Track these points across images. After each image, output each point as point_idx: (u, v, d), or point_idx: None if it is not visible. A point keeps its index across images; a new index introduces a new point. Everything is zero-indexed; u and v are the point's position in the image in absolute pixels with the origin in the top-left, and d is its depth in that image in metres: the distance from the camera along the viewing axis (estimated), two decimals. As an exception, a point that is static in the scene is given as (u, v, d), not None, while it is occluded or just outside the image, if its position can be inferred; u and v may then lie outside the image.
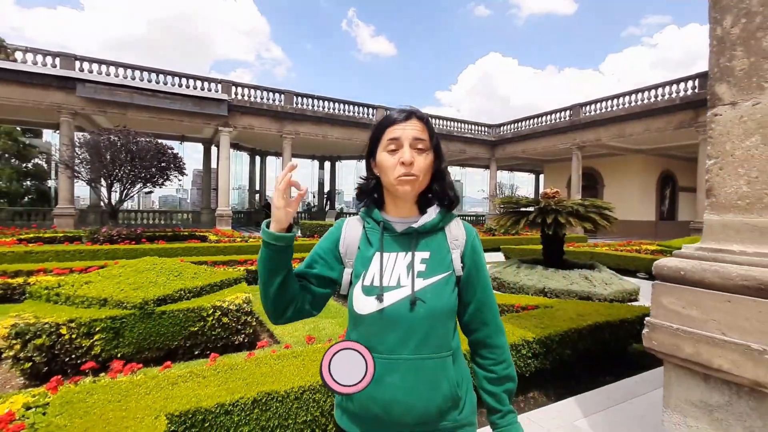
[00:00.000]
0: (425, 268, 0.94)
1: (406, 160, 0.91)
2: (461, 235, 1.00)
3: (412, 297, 0.90)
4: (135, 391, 1.95)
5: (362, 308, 0.93)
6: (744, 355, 1.06)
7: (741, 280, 1.08)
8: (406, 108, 0.97)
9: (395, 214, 1.00)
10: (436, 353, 0.91)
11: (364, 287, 0.94)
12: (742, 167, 1.15)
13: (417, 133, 0.94)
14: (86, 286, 3.50)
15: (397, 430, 0.92)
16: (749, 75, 1.14)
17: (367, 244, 0.99)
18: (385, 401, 0.89)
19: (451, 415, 0.93)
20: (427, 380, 0.90)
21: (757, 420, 1.09)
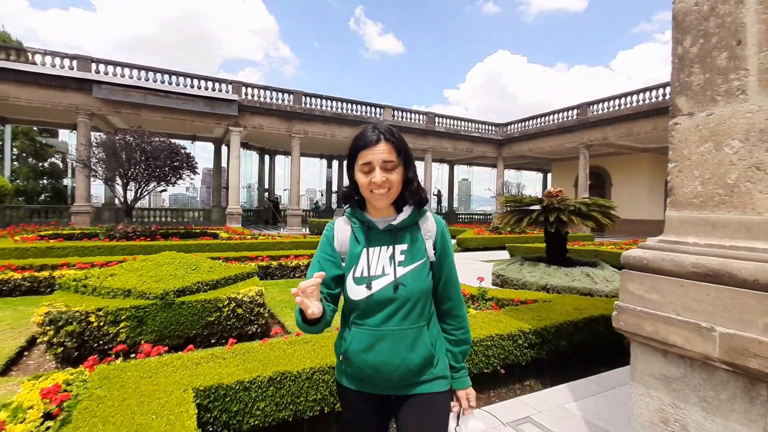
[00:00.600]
0: (404, 258, 1.14)
1: (377, 181, 1.09)
2: (432, 227, 1.20)
3: (395, 282, 1.12)
4: (163, 369, 2.17)
5: (355, 295, 1.14)
6: (694, 332, 1.22)
7: (692, 267, 1.24)
8: (376, 129, 1.11)
9: (375, 215, 1.19)
10: (415, 324, 1.13)
11: (355, 278, 1.14)
12: (697, 170, 1.32)
13: (385, 156, 1.09)
14: (111, 278, 3.75)
15: (385, 385, 1.15)
16: (704, 89, 1.30)
17: (355, 242, 1.18)
18: (376, 364, 1.11)
19: (429, 370, 1.15)
20: (408, 345, 1.12)
21: (710, 390, 1.26)
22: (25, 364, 3.33)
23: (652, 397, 1.38)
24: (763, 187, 1.17)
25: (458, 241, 13.22)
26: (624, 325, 1.43)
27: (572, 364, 3.54)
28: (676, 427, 1.31)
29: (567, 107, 19.88)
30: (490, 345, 2.95)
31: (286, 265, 6.99)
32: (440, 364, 1.18)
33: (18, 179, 21.72)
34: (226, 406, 2.07)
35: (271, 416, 2.17)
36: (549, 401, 2.60)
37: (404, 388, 1.16)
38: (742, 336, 1.12)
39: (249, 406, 2.12)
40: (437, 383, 1.17)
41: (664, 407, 1.35)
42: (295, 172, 18.10)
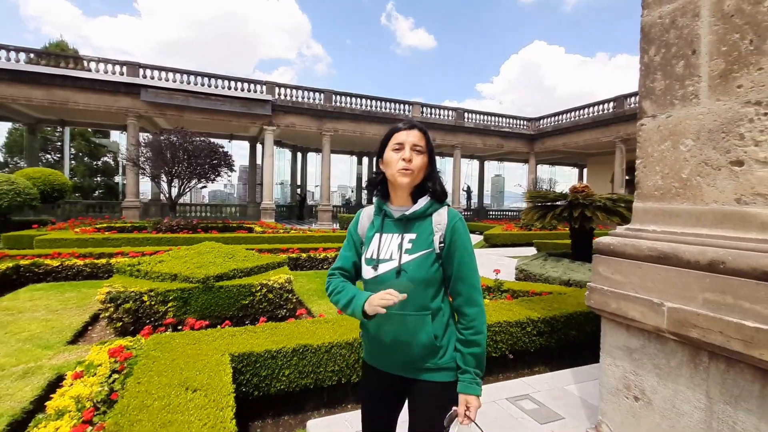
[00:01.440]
0: (411, 246, 1.20)
1: (406, 157, 1.19)
2: (443, 220, 1.22)
3: (398, 268, 1.18)
4: (205, 338, 2.55)
5: (366, 274, 1.25)
6: (648, 308, 1.39)
7: (648, 251, 1.41)
8: (410, 121, 1.25)
9: (395, 203, 1.27)
10: (416, 311, 1.18)
11: (366, 259, 1.26)
12: (659, 165, 1.47)
13: (416, 140, 1.21)
14: (160, 264, 4.23)
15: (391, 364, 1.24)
16: (665, 93, 1.45)
17: (371, 227, 1.30)
18: (382, 343, 1.22)
19: (432, 359, 1.19)
20: (408, 331, 1.18)
21: (662, 359, 1.43)
22: (89, 336, 3.86)
23: (618, 366, 1.56)
24: (710, 181, 1.32)
25: (485, 237, 13.22)
26: (594, 303, 1.61)
27: (584, 353, 3.64)
28: (636, 392, 1.49)
29: (602, 100, 19.21)
30: (499, 331, 3.14)
31: (315, 257, 7.39)
32: (447, 355, 1.20)
33: (75, 177, 23.64)
34: (256, 370, 2.41)
35: (294, 382, 2.49)
36: (550, 383, 2.78)
37: (409, 371, 1.22)
38: (685, 309, 1.28)
39: (276, 372, 2.45)
40: (442, 373, 1.20)
41: (626, 375, 1.52)
42: (326, 169, 18.64)
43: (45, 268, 5.75)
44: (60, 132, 23.42)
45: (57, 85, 13.97)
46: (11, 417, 2.27)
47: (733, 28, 1.30)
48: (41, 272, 5.74)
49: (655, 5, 1.51)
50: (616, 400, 1.56)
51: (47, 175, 12.37)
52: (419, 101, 20.32)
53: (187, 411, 1.67)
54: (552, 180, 23.54)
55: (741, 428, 1.22)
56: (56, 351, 3.23)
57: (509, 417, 2.26)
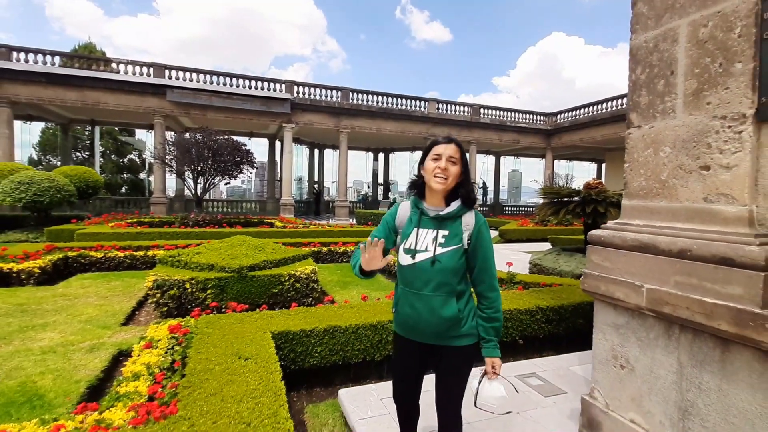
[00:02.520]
0: (444, 241, 1.47)
1: (441, 166, 1.45)
2: (471, 221, 1.49)
3: (432, 258, 1.46)
4: (247, 319, 2.91)
5: (404, 261, 1.52)
6: (631, 289, 1.65)
7: (631, 241, 1.66)
8: (448, 136, 1.56)
9: (430, 204, 1.53)
10: (444, 293, 1.46)
11: (404, 249, 1.52)
12: (642, 169, 1.72)
13: (452, 153, 1.47)
14: (198, 255, 4.64)
15: (422, 334, 1.51)
16: (648, 108, 1.70)
17: (409, 223, 1.55)
18: (415, 318, 1.50)
19: (456, 329, 1.48)
20: (438, 306, 1.46)
21: (643, 332, 1.68)
22: (137, 319, 4.29)
23: (607, 340, 1.83)
24: (683, 183, 1.57)
25: (500, 233, 13.38)
26: (588, 287, 1.88)
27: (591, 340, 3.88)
28: (622, 361, 1.75)
29: (622, 94, 18.97)
30: (509, 318, 3.41)
31: (335, 251, 7.75)
32: (467, 325, 1.49)
33: (104, 173, 24.69)
34: (292, 347, 2.75)
35: (326, 359, 2.83)
36: (556, 364, 3.04)
37: (437, 339, 1.48)
38: (660, 290, 1.54)
39: (309, 349, 2.79)
40: (463, 339, 1.49)
41: (614, 347, 1.79)
42: (343, 166, 19.03)
43: (90, 259, 6.27)
44: (89, 131, 24.48)
45: (88, 86, 14.70)
46: (88, 382, 2.67)
47: (706, 53, 1.54)
48: (87, 263, 6.26)
49: (641, 31, 1.75)
50: (606, 369, 1.83)
51: (82, 173, 13.09)
52: (435, 97, 20.49)
53: (243, 374, 2.01)
54: (569, 175, 23.32)
55: (705, 387, 1.48)
56: (114, 331, 3.66)
57: (518, 391, 2.54)
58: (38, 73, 14.23)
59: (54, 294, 4.80)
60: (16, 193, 9.88)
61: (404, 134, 19.99)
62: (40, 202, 10.13)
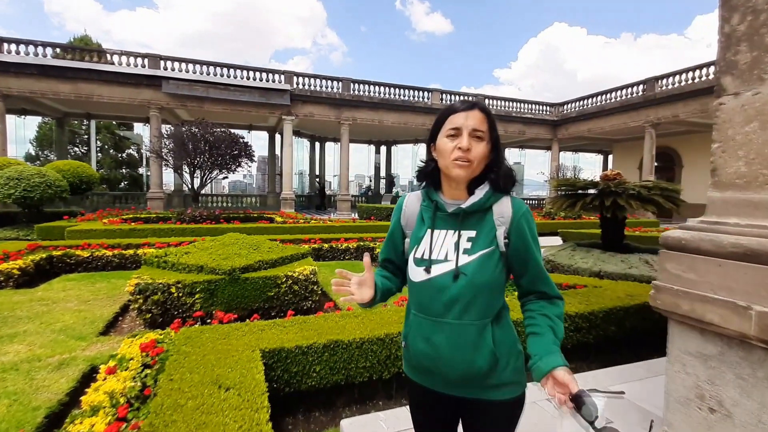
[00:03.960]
0: (471, 246, 1.03)
1: (463, 146, 1.00)
2: (507, 212, 1.04)
3: (455, 270, 1.02)
4: (234, 333, 2.50)
5: (414, 276, 1.09)
6: (731, 311, 1.24)
7: (731, 247, 1.25)
8: (469, 100, 1.06)
9: (449, 196, 1.10)
10: (478, 320, 1.02)
11: (415, 259, 1.09)
12: (742, 150, 1.30)
13: (477, 124, 1.01)
14: (186, 255, 4.23)
15: (444, 383, 1.07)
16: (751, 68, 1.27)
17: (420, 222, 1.13)
18: (433, 357, 1.04)
19: (495, 373, 1.02)
20: (467, 343, 1.01)
21: (747, 368, 1.27)
22: (120, 326, 3.90)
23: (689, 374, 1.41)
24: (811, 167, 1.15)
25: (508, 227, 12.95)
26: (661, 304, 1.46)
27: (623, 350, 3.48)
28: (712, 403, 1.34)
29: (631, 83, 18.37)
30: (531, 326, 3.00)
31: (337, 248, 7.34)
32: (510, 367, 1.05)
33: (102, 169, 24.32)
34: (287, 367, 2.35)
35: (326, 379, 2.43)
36: (593, 382, 2.63)
37: (466, 388, 1.06)
38: (779, 314, 1.13)
39: (307, 369, 2.38)
40: (507, 390, 1.05)
41: (700, 384, 1.38)
42: (344, 159, 18.56)
43: (76, 259, 5.88)
44: (86, 125, 24.06)
45: (82, 78, 14.24)
46: (48, 409, 2.28)
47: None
48: (72, 263, 5.88)
49: (740, -35, 1.31)
50: (686, 410, 1.42)
51: (76, 168, 12.69)
52: (438, 88, 19.94)
53: (222, 412, 1.61)
54: (577, 167, 22.82)
55: None
56: (89, 342, 3.27)
57: (552, 419, 2.14)
58: (30, 65, 13.77)
59: (31, 298, 4.42)
60: (5, 188, 9.49)
61: (407, 126, 19.47)
62: (30, 198, 9.74)
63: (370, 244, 7.60)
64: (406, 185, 54.45)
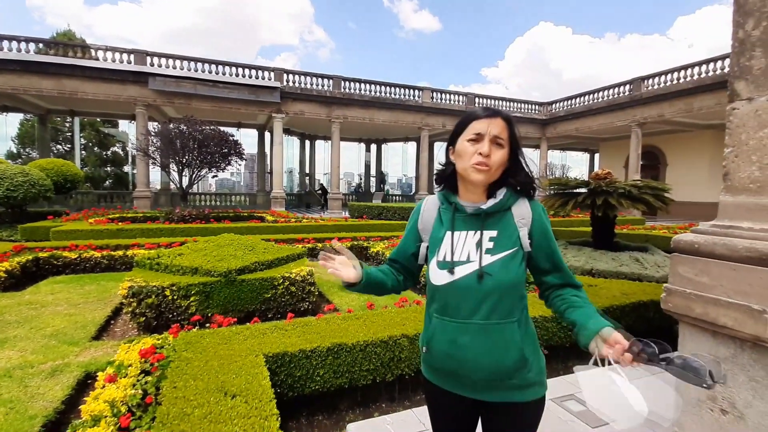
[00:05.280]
0: (493, 246, 1.05)
1: (484, 152, 1.03)
2: (527, 213, 1.08)
3: (479, 271, 1.03)
4: (235, 338, 2.45)
5: (437, 280, 1.09)
6: (745, 314, 1.25)
7: (745, 251, 1.26)
8: (493, 108, 1.10)
9: (466, 199, 1.12)
10: (504, 319, 1.04)
11: (438, 262, 1.10)
12: (755, 155, 1.31)
13: (498, 131, 1.05)
14: (180, 257, 4.15)
15: (470, 384, 1.07)
16: (765, 73, 1.29)
17: (439, 224, 1.14)
18: (459, 359, 1.05)
19: (521, 374, 1.04)
20: (495, 343, 1.03)
21: (760, 370, 1.29)
22: (112, 331, 3.81)
23: (700, 376, 1.43)
24: (824, 173, 1.17)
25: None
26: (673, 307, 1.47)
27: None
28: (724, 405, 1.36)
29: (618, 83, 18.67)
30: (535, 326, 3.01)
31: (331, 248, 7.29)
32: (534, 368, 1.07)
33: (86, 167, 23.74)
34: (291, 371, 2.32)
35: (329, 382, 2.40)
36: (594, 381, 2.66)
37: (491, 391, 1.06)
38: (794, 318, 1.15)
39: (310, 372, 2.35)
40: (531, 390, 1.06)
41: (711, 385, 1.40)
42: (335, 157, 18.46)
43: (63, 261, 5.72)
44: (70, 122, 23.45)
45: (66, 74, 13.87)
46: (45, 418, 2.21)
47: None
48: (60, 264, 5.72)
49: (754, -29, 1.32)
50: (698, 411, 1.43)
51: (60, 166, 12.36)
52: (429, 87, 19.95)
53: (230, 420, 1.57)
54: (565, 166, 23.12)
55: None
56: (82, 347, 3.18)
57: (558, 420, 2.16)
58: (12, 61, 13.36)
59: (19, 302, 4.29)
60: (-14, 188, 9.19)
61: (398, 124, 19.46)
62: (13, 197, 9.45)
63: (364, 243, 7.57)
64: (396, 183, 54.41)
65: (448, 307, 1.09)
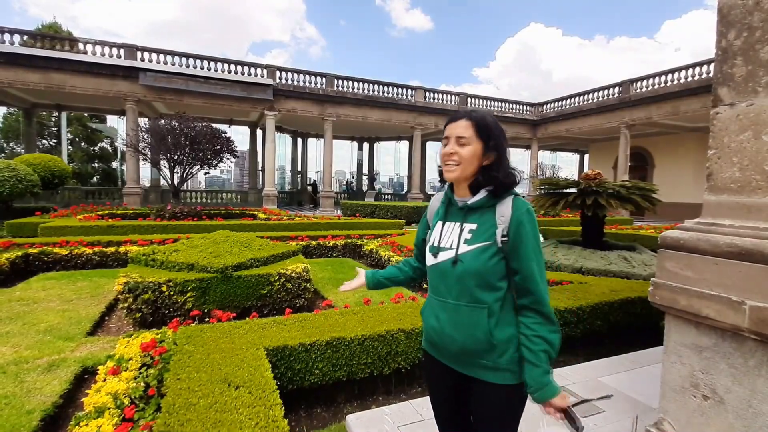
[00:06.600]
0: (470, 237, 1.17)
1: (445, 152, 1.20)
2: (507, 212, 1.15)
3: (454, 257, 1.17)
4: (235, 332, 2.49)
5: (428, 261, 1.27)
6: (726, 306, 1.34)
7: (726, 247, 1.35)
8: (465, 111, 1.23)
9: (457, 194, 1.26)
10: (472, 303, 1.15)
11: (429, 246, 1.28)
12: (736, 157, 1.40)
13: (461, 131, 1.18)
14: (175, 253, 4.15)
15: (447, 355, 1.23)
16: (746, 80, 1.37)
17: (436, 215, 1.32)
18: (438, 332, 1.22)
19: (490, 356, 1.13)
20: (463, 322, 1.16)
21: (739, 358, 1.38)
22: (107, 327, 3.81)
23: (684, 365, 1.52)
24: (799, 174, 1.26)
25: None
26: (659, 300, 1.56)
27: (607, 342, 3.64)
28: (706, 391, 1.45)
29: (607, 85, 18.97)
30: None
31: (325, 245, 7.33)
32: (507, 356, 1.14)
33: (73, 162, 23.33)
34: (290, 364, 2.37)
35: (328, 375, 2.46)
36: (583, 374, 2.76)
37: (464, 364, 1.19)
38: (770, 308, 1.24)
39: (310, 366, 2.41)
40: (502, 375, 1.14)
41: (695, 373, 1.48)
42: (328, 155, 18.44)
43: (54, 257, 5.67)
44: (56, 117, 23.02)
45: (53, 68, 13.61)
46: (43, 412, 2.22)
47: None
48: (50, 261, 5.66)
49: (737, -16, 1.41)
50: (682, 398, 1.52)
51: (47, 161, 12.16)
52: (422, 86, 20.03)
53: (235, 410, 1.62)
54: (555, 166, 23.43)
55: (827, 431, 1.18)
56: (78, 343, 3.18)
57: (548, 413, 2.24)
58: (-4, 53, 13.08)
59: (10, 298, 4.25)
60: (-29, 183, 9.03)
61: (390, 123, 19.51)
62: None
63: (357, 242, 7.62)
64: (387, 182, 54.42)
65: (433, 287, 1.27)
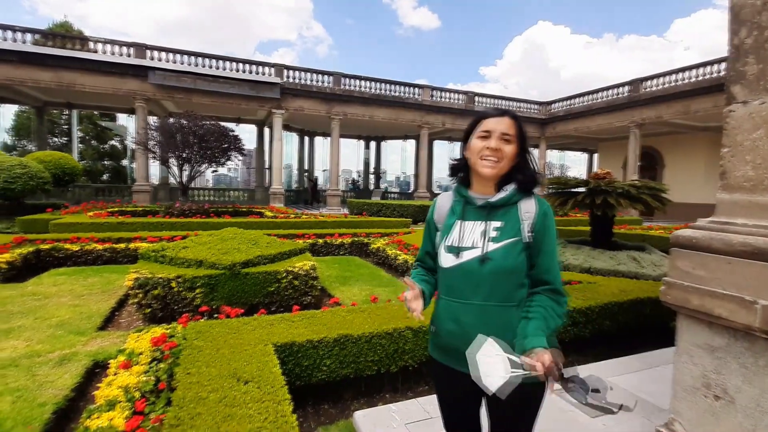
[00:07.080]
0: (497, 234, 1.15)
1: (491, 146, 1.15)
2: (532, 208, 1.17)
3: (482, 256, 1.13)
4: (244, 328, 2.51)
5: (445, 263, 1.20)
6: (738, 305, 1.33)
7: (740, 246, 1.33)
8: (502, 108, 1.26)
9: (477, 191, 1.23)
10: (501, 303, 1.13)
11: (446, 246, 1.21)
12: (749, 155, 1.38)
13: (505, 129, 1.16)
14: (185, 250, 4.20)
15: None
16: (758, 79, 1.36)
17: (451, 214, 1.26)
18: (461, 337, 1.13)
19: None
20: (492, 323, 1.12)
21: (750, 357, 1.37)
22: (117, 322, 3.86)
23: (696, 365, 1.50)
24: (815, 172, 1.24)
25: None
26: (671, 299, 1.55)
27: (615, 342, 3.61)
28: (717, 391, 1.44)
29: (617, 84, 18.78)
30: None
31: (332, 243, 7.36)
32: None
33: (83, 160, 23.63)
34: (298, 360, 2.38)
35: (335, 372, 2.47)
36: (594, 374, 2.73)
37: None
38: (784, 309, 1.22)
39: (317, 362, 2.42)
40: None
41: (707, 373, 1.47)
42: (335, 154, 18.49)
43: (65, 253, 5.75)
44: (66, 115, 23.33)
45: (64, 67, 13.80)
46: (55, 405, 2.26)
47: None
48: (62, 257, 5.75)
49: (751, -19, 1.39)
50: (693, 398, 1.51)
51: (58, 159, 12.33)
52: (428, 85, 19.99)
53: (245, 404, 1.64)
54: (564, 165, 23.26)
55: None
56: (89, 337, 3.23)
57: (559, 411, 2.23)
58: (9, 51, 13.27)
59: (22, 293, 4.32)
60: (-16, 180, 9.18)
61: (397, 121, 19.50)
62: (11, 189, 9.44)
63: (364, 240, 7.63)
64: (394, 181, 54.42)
65: (453, 288, 1.19)
